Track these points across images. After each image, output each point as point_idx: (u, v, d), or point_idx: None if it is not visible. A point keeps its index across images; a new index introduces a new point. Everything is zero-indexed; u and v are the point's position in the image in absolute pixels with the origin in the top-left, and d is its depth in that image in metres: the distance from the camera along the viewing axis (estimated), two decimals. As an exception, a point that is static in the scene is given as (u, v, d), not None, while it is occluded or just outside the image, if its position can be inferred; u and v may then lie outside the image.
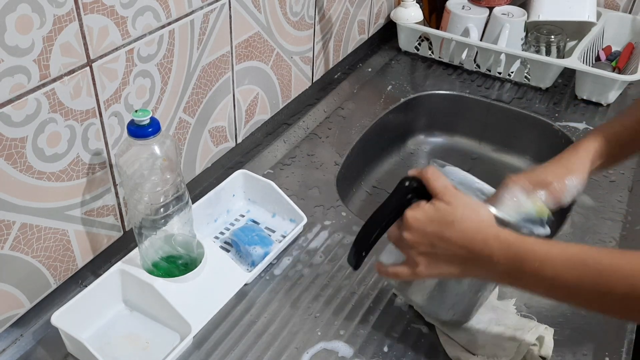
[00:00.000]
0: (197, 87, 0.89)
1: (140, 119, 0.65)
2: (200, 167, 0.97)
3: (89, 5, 0.67)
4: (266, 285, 0.82)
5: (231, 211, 0.94)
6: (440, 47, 1.34)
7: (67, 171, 0.72)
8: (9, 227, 0.68)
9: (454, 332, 0.74)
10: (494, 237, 0.62)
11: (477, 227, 0.63)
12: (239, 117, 1.02)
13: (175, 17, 0.80)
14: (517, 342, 0.72)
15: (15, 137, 0.65)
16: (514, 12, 1.31)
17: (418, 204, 0.66)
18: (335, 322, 0.77)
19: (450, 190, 0.65)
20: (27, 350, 0.73)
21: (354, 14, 1.28)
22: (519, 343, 0.72)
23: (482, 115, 1.26)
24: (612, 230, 0.93)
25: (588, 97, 1.24)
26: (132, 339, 0.74)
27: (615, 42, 1.42)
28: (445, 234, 0.63)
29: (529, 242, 0.61)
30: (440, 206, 0.64)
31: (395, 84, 1.29)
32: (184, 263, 0.77)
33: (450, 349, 0.73)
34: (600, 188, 1.01)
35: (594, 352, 0.74)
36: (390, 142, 1.26)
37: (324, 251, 0.87)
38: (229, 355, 0.73)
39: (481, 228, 0.63)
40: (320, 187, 1.00)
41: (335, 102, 1.22)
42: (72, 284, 0.79)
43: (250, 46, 0.98)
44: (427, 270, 0.66)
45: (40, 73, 0.64)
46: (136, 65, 0.76)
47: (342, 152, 1.08)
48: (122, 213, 0.83)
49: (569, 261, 0.59)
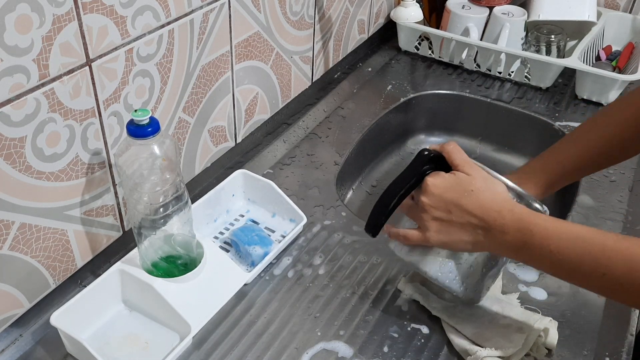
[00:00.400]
0: (196, 86, 0.89)
1: (140, 119, 0.65)
2: (200, 167, 0.97)
3: (88, 5, 0.67)
4: (266, 285, 0.82)
5: (231, 211, 0.94)
6: (440, 47, 1.34)
7: (66, 171, 0.72)
8: (8, 227, 0.67)
9: (461, 324, 0.75)
10: (509, 210, 0.65)
11: (493, 199, 0.67)
12: (238, 116, 1.02)
13: (174, 16, 0.80)
14: (524, 334, 0.72)
15: (15, 137, 0.64)
16: (514, 12, 1.31)
17: (438, 173, 0.70)
18: (335, 322, 0.77)
19: (470, 163, 0.69)
20: (27, 351, 0.73)
21: (354, 13, 1.28)
22: (525, 335, 0.72)
23: (482, 115, 1.26)
24: (612, 230, 0.93)
25: (588, 96, 1.24)
26: (131, 339, 0.74)
27: (616, 41, 1.42)
28: (462, 202, 0.67)
29: (540, 218, 0.64)
30: (461, 175, 0.68)
31: (395, 83, 1.29)
32: (183, 263, 0.77)
33: (457, 342, 0.73)
34: (601, 188, 1.01)
35: (594, 352, 0.74)
36: (390, 142, 1.26)
37: (323, 251, 0.87)
38: (228, 355, 0.73)
39: (497, 200, 0.67)
40: (320, 187, 1.00)
41: (335, 102, 1.22)
42: (72, 284, 0.79)
43: (250, 46, 0.97)
44: (437, 236, 0.69)
45: (40, 73, 0.64)
46: (135, 65, 0.76)
47: (342, 152, 1.08)
48: (122, 213, 0.83)
49: (575, 239, 0.61)
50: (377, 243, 0.89)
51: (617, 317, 0.79)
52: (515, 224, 0.64)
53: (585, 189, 1.01)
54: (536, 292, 0.82)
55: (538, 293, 0.82)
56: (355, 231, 0.91)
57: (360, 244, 0.89)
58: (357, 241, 0.89)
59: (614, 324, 0.78)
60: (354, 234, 0.91)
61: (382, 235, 0.90)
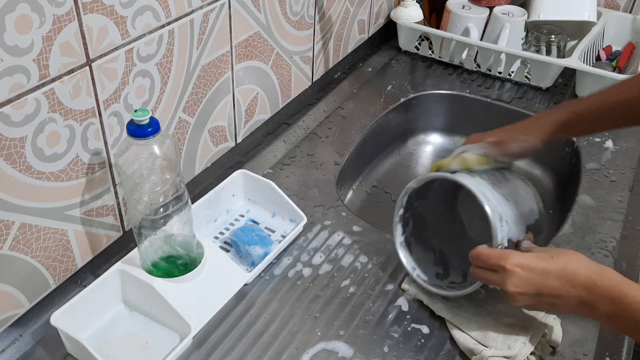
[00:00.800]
0: (196, 86, 0.89)
1: (140, 119, 0.65)
2: (200, 167, 0.97)
3: (88, 5, 0.67)
4: (266, 285, 0.82)
5: (231, 211, 0.94)
6: (441, 47, 1.34)
7: (66, 171, 0.72)
8: (8, 227, 0.67)
9: (466, 324, 0.75)
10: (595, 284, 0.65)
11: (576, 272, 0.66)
12: (238, 116, 1.02)
13: (174, 16, 0.80)
14: (529, 334, 0.73)
15: (15, 137, 0.64)
16: (514, 12, 1.31)
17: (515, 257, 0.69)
18: (335, 322, 0.77)
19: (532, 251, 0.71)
20: (27, 351, 0.73)
21: (354, 13, 1.28)
22: (530, 334, 0.72)
23: (482, 115, 1.26)
24: (612, 230, 0.93)
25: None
26: (131, 339, 0.74)
27: (616, 41, 1.42)
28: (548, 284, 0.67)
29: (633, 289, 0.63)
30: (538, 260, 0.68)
31: (395, 83, 1.29)
32: (183, 263, 0.77)
33: (462, 341, 0.73)
34: (601, 188, 1.01)
35: (594, 352, 0.74)
36: (390, 142, 1.26)
37: (324, 251, 0.87)
38: (228, 355, 0.73)
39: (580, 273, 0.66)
40: (320, 187, 1.00)
41: (335, 102, 1.22)
42: (72, 284, 0.79)
43: (250, 46, 0.97)
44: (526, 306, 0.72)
45: (40, 73, 0.64)
46: (136, 65, 0.76)
47: (342, 152, 1.08)
48: (122, 213, 0.83)
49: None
50: (377, 243, 0.89)
51: (617, 317, 0.79)
52: (607, 293, 0.64)
53: (585, 189, 1.01)
54: (536, 292, 0.82)
55: (538, 293, 0.82)
56: (356, 231, 0.91)
57: (361, 244, 0.89)
58: (357, 241, 0.89)
59: (614, 324, 0.78)
60: (354, 234, 0.91)
61: (383, 235, 0.90)
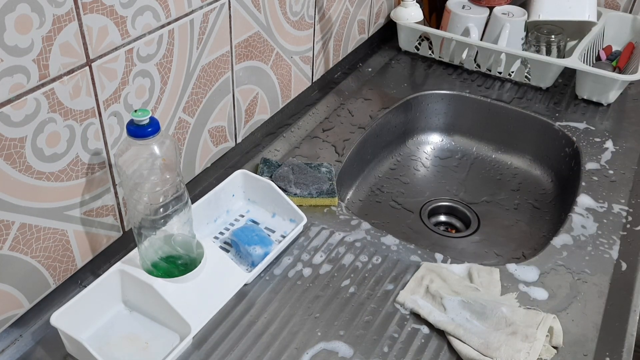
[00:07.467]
0: (196, 86, 0.89)
1: (140, 119, 0.65)
2: (200, 167, 0.97)
3: (88, 5, 0.67)
4: (266, 286, 0.82)
5: (231, 211, 0.94)
6: (441, 47, 1.34)
7: (66, 171, 0.72)
8: (8, 227, 0.67)
9: (467, 335, 0.74)
10: None
11: None
12: (238, 117, 1.02)
13: (174, 16, 0.80)
14: (530, 343, 0.72)
15: (15, 137, 0.64)
16: (514, 12, 1.31)
17: None
18: (335, 322, 0.77)
19: None
20: (27, 351, 0.73)
21: (354, 13, 1.28)
22: (532, 343, 0.72)
23: (482, 115, 1.26)
24: (612, 230, 0.93)
25: (588, 96, 1.24)
26: (131, 339, 0.74)
27: (616, 41, 1.42)
28: None
29: None
30: None
31: (395, 83, 1.29)
32: (183, 263, 0.77)
33: (465, 352, 0.72)
34: (601, 188, 1.01)
35: (594, 352, 0.74)
36: (390, 142, 1.26)
37: (324, 251, 0.87)
38: (228, 355, 0.73)
39: None
40: (320, 187, 1.00)
41: (335, 102, 1.22)
42: (72, 284, 0.79)
43: (250, 46, 0.97)
44: None
45: (40, 73, 0.64)
46: (136, 65, 0.76)
47: (342, 152, 1.08)
48: (122, 213, 0.83)
49: None
50: (378, 243, 0.89)
51: (618, 317, 0.79)
52: None
53: (585, 189, 1.01)
54: (536, 292, 0.82)
55: (538, 293, 0.82)
56: (356, 231, 0.91)
57: (361, 244, 0.89)
58: (358, 241, 0.89)
59: (614, 324, 0.78)
60: (355, 234, 0.91)
61: (383, 235, 0.90)
